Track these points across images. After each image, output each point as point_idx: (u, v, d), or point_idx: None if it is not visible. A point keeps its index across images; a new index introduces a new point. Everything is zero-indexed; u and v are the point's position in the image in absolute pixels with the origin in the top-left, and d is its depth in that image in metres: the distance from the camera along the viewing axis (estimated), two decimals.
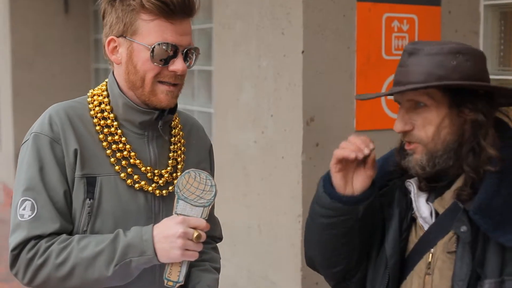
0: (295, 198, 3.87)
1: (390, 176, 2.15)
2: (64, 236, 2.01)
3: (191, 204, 2.02)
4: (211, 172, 2.35)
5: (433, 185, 2.04)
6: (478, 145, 1.95)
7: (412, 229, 2.09)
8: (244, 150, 4.32)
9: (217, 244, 2.40)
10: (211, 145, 2.40)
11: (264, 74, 4.10)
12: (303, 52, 3.76)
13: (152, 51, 2.01)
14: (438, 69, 1.94)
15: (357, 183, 2.01)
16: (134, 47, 2.04)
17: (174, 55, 2.04)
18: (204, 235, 2.00)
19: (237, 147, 4.40)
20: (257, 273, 4.27)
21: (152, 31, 2.02)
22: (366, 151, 1.96)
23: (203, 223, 2.01)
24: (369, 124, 3.99)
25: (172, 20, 2.03)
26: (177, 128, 2.25)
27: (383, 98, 4.00)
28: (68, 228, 2.04)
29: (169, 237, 1.97)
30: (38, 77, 8.55)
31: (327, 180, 2.04)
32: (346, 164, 1.98)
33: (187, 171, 2.05)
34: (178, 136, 2.23)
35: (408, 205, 2.09)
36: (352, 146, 1.96)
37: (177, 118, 2.27)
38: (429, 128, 1.97)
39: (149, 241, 1.97)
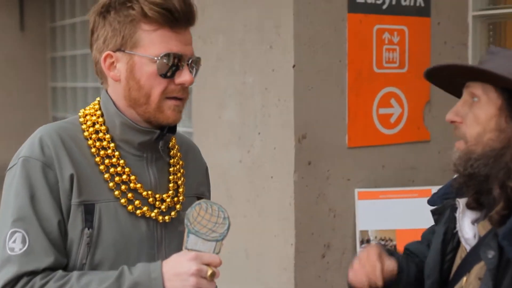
0: (286, 220, 3.68)
1: (449, 195, 2.04)
2: (60, 272, 1.79)
3: (203, 239, 1.83)
4: (209, 196, 2.19)
5: (478, 197, 1.90)
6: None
7: (459, 250, 1.96)
8: (227, 171, 4.11)
9: None
10: (207, 167, 2.24)
11: (250, 90, 3.90)
12: (294, 66, 3.58)
13: (158, 63, 1.84)
14: (508, 70, 1.82)
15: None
16: (136, 61, 1.86)
17: (180, 67, 1.87)
18: (218, 272, 1.82)
19: (220, 167, 4.19)
20: None
21: (156, 42, 1.85)
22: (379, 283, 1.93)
23: (216, 259, 1.82)
24: (361, 141, 3.83)
25: (176, 29, 1.87)
26: (175, 149, 2.07)
27: (374, 114, 3.84)
28: (62, 263, 1.83)
29: (181, 274, 1.77)
30: None
31: None
32: None
33: (197, 202, 1.86)
34: (176, 158, 2.06)
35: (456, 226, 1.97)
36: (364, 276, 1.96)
37: (174, 138, 2.09)
38: (475, 127, 1.86)
39: (159, 279, 1.77)
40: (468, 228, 1.91)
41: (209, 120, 4.28)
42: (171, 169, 2.02)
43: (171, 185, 2.00)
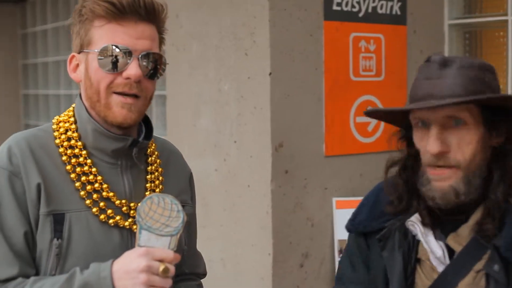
0: (264, 229, 3.64)
1: (385, 216, 1.96)
2: (19, 279, 1.76)
3: (156, 234, 1.77)
4: (193, 204, 2.13)
5: (446, 219, 1.85)
6: (505, 173, 1.80)
7: (418, 271, 1.90)
8: (203, 179, 4.06)
9: None
10: (191, 174, 2.16)
11: (225, 98, 3.86)
12: (270, 73, 3.55)
13: (98, 56, 1.82)
14: (473, 83, 1.78)
15: None
16: (89, 58, 1.85)
17: (127, 60, 1.82)
18: (172, 269, 1.74)
19: (195, 176, 4.09)
20: None
21: (103, 36, 1.83)
22: None
23: (170, 254, 1.75)
24: (339, 149, 3.81)
25: (122, 22, 1.83)
26: (154, 156, 2.01)
27: (352, 122, 3.82)
28: (29, 273, 1.79)
29: (131, 272, 1.71)
30: None
31: None
32: None
33: (149, 196, 1.81)
34: (155, 165, 2.00)
35: (410, 247, 1.90)
36: None
37: (154, 145, 2.03)
38: (467, 149, 1.78)
39: (108, 278, 1.72)
40: (435, 247, 1.86)
41: (184, 128, 4.23)
42: (148, 176, 1.97)
43: (147, 193, 1.94)
